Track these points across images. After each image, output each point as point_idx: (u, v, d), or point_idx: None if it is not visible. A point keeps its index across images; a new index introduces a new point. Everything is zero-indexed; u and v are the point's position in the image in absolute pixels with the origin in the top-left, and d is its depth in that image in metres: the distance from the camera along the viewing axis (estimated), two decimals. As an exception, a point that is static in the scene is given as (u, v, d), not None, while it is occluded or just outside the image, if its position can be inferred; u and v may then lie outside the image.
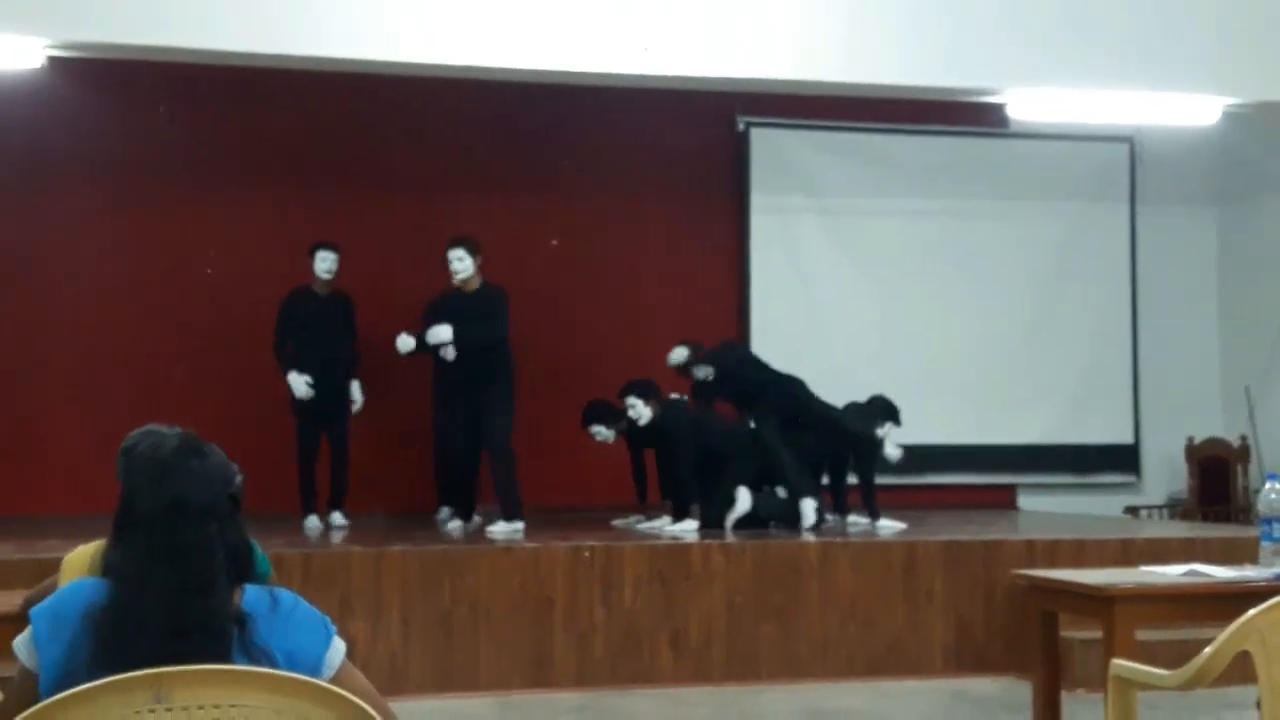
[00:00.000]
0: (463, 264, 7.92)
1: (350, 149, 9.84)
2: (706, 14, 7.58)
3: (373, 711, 2.13)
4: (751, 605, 6.95)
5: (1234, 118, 8.61)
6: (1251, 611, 3.54)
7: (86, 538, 3.57)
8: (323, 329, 8.39)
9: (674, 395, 8.35)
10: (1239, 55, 8.12)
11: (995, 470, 10.74)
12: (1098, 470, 10.91)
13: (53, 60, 7.10)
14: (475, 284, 7.99)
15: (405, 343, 7.97)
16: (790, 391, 8.49)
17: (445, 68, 7.49)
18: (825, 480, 8.75)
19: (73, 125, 9.20)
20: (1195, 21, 8.05)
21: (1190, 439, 10.65)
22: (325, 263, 8.46)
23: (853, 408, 8.55)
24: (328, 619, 2.34)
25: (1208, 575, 4.74)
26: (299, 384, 8.18)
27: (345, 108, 9.56)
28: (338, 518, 8.39)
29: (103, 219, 9.52)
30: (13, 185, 9.28)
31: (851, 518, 8.54)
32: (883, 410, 8.50)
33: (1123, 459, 10.98)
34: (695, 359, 8.66)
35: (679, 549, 7.06)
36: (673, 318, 10.16)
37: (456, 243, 8.05)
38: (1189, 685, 3.66)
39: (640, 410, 8.10)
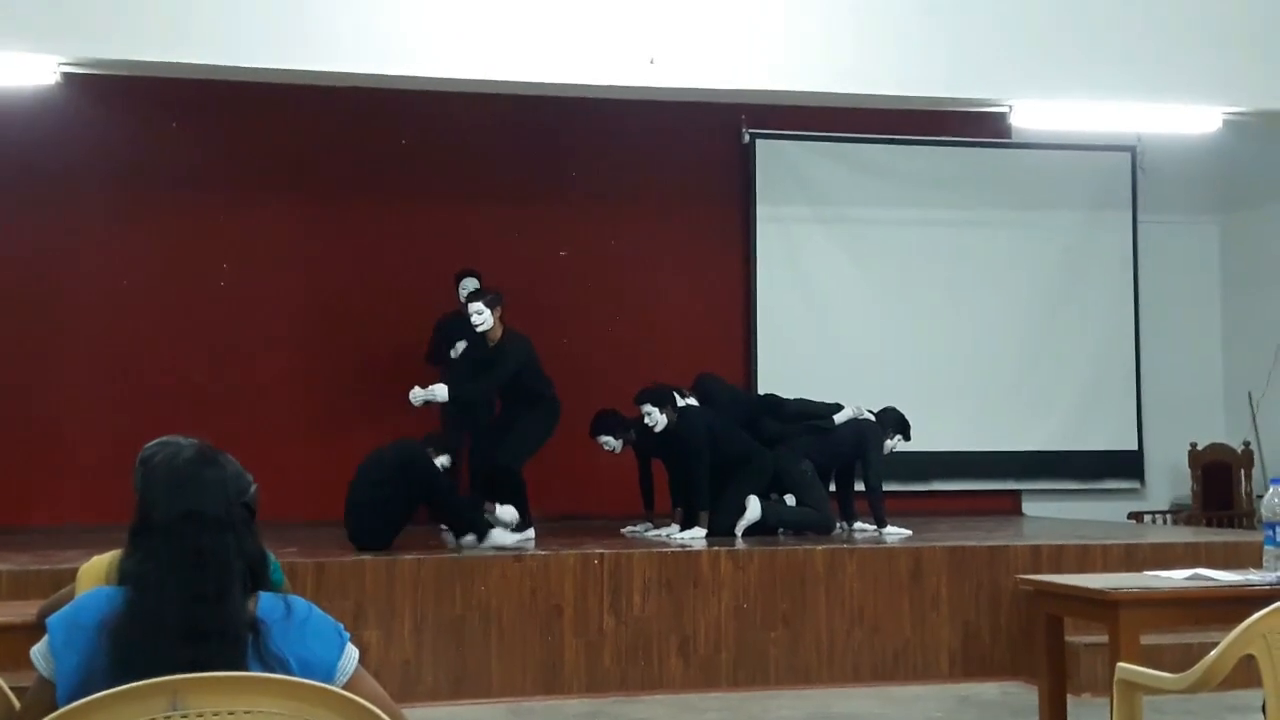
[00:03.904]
0: (481, 317, 7.70)
1: (361, 161, 9.92)
2: (712, 27, 7.63)
3: (386, 717, 2.15)
4: (759, 612, 6.99)
5: (1234, 126, 8.62)
6: (1256, 615, 3.55)
7: (102, 548, 3.61)
8: None
9: (689, 401, 8.38)
10: (1239, 64, 8.15)
11: (1000, 477, 10.78)
12: (1102, 476, 10.94)
13: (66, 76, 7.15)
14: (497, 334, 7.80)
15: (417, 396, 7.81)
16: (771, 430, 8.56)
17: (455, 81, 7.54)
18: (831, 488, 8.78)
19: (86, 140, 9.29)
20: (1195, 31, 8.08)
21: (1194, 445, 10.67)
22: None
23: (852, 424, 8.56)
24: (341, 626, 2.36)
25: (1212, 580, 4.76)
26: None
27: (355, 120, 9.63)
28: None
29: (116, 232, 9.60)
30: (27, 200, 9.37)
31: (858, 525, 8.57)
32: (894, 423, 8.53)
33: (1127, 465, 11.02)
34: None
35: (687, 556, 7.09)
36: (680, 327, 10.24)
37: (474, 296, 7.90)
38: (1194, 689, 3.67)
39: (656, 417, 8.12)
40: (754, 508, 8.00)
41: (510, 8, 7.43)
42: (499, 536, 7.29)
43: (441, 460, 7.49)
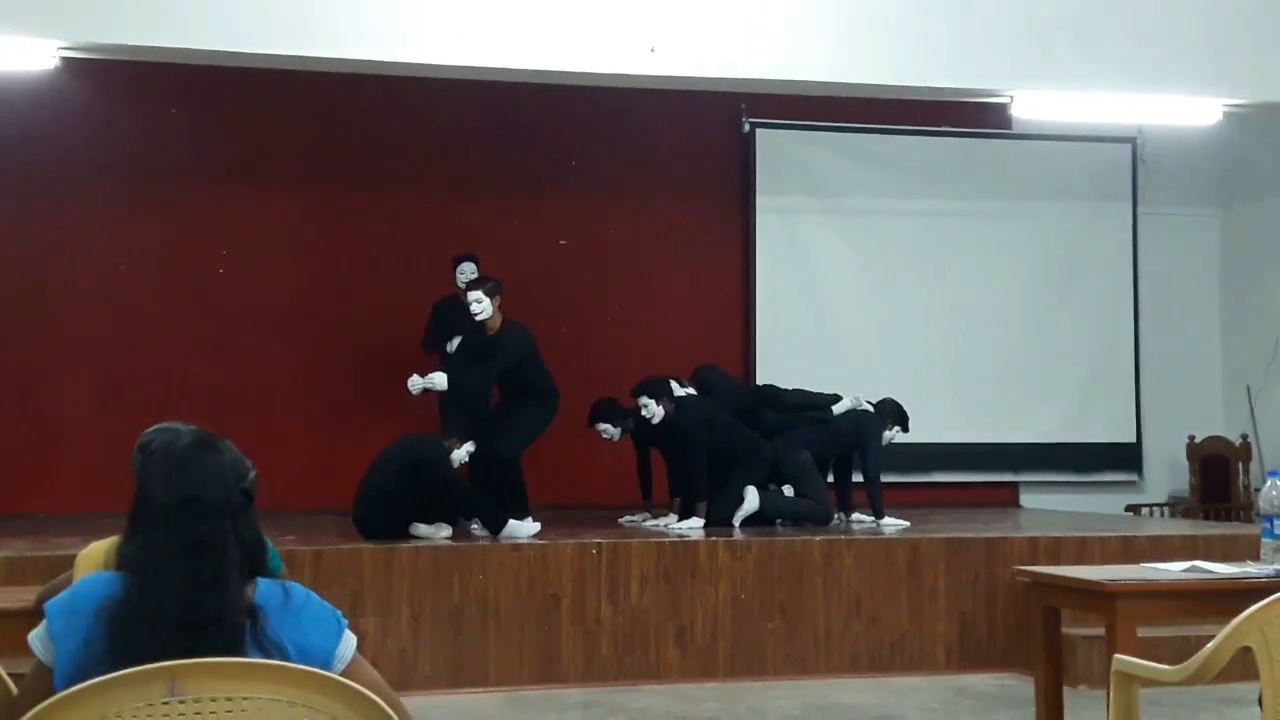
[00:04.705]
0: (480, 306, 7.66)
1: (360, 149, 9.91)
2: (712, 15, 7.61)
3: (384, 704, 2.15)
4: (757, 602, 6.99)
5: (1235, 118, 8.61)
6: (1253, 607, 3.54)
7: (100, 534, 3.61)
8: None
9: (687, 391, 8.37)
10: (1240, 56, 8.14)
11: (998, 469, 10.78)
12: (1100, 469, 10.94)
13: (66, 61, 7.13)
14: (496, 323, 7.76)
15: (415, 384, 7.80)
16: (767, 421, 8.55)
17: (455, 68, 7.53)
18: (830, 479, 8.79)
19: (86, 126, 9.26)
20: (1196, 23, 8.07)
21: (1192, 437, 10.68)
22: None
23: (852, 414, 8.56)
24: (339, 612, 2.36)
25: (1209, 572, 4.76)
26: None
27: (355, 108, 9.62)
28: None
29: (116, 219, 9.59)
30: (27, 186, 9.35)
31: (856, 516, 8.58)
32: (892, 414, 8.54)
33: (1125, 457, 11.02)
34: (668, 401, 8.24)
35: (685, 546, 7.09)
36: (679, 316, 10.23)
37: (474, 284, 7.86)
38: (1191, 681, 3.67)
39: (654, 409, 8.11)
40: (752, 498, 8.01)
41: (510, -5, 7.42)
42: (515, 528, 7.30)
43: (466, 448, 7.44)
